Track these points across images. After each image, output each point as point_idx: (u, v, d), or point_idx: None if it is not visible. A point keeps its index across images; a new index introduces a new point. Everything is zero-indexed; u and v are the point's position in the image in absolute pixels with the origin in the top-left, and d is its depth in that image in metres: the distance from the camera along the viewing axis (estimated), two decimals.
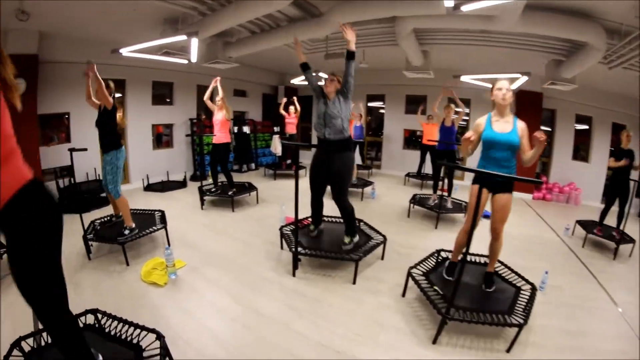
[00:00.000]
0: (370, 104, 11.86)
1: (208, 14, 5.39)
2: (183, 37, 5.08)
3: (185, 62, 6.52)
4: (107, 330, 2.51)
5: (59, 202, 3.53)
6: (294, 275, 3.90)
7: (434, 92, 9.56)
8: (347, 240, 4.09)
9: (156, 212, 5.27)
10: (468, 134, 3.06)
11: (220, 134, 6.47)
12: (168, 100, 9.44)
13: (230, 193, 6.54)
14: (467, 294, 3.27)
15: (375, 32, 6.49)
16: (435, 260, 3.84)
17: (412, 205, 6.34)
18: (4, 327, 2.82)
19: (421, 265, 3.67)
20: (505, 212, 3.18)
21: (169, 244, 4.62)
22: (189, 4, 5.12)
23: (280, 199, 6.89)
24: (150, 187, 8.33)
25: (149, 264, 4.05)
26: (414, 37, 6.16)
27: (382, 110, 11.61)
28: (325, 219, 4.81)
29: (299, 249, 3.89)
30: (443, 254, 3.95)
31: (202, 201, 6.59)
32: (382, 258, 4.37)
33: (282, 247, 4.61)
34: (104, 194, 6.45)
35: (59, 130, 7.37)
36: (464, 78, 7.05)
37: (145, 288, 3.64)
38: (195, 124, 9.63)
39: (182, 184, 8.60)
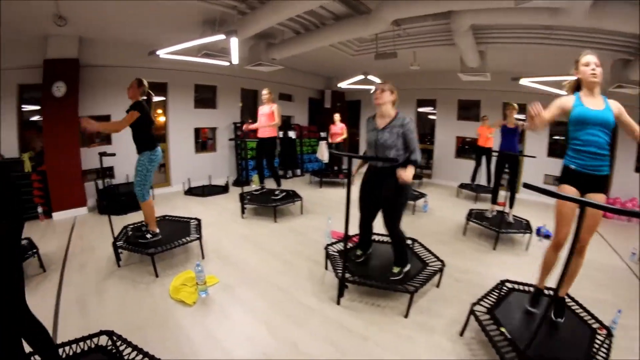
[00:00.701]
0: (420, 109, 11.15)
1: (247, 13, 5.12)
2: (221, 37, 4.79)
3: (227, 64, 6.24)
4: (119, 355, 2.34)
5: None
6: (338, 303, 3.38)
7: (489, 97, 8.98)
8: (396, 270, 3.53)
9: (192, 221, 4.98)
10: (537, 108, 2.50)
11: (265, 128, 6.18)
12: (211, 103, 9.34)
13: (276, 192, 6.24)
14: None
15: (429, 30, 6.03)
16: (498, 293, 3.21)
17: (468, 221, 5.61)
18: None
19: (485, 300, 3.07)
20: (597, 219, 2.62)
21: (203, 256, 4.38)
22: (228, 3, 4.90)
23: (327, 210, 6.50)
24: (190, 191, 8.20)
25: (179, 278, 3.76)
26: (471, 34, 5.57)
27: (432, 116, 10.82)
28: (375, 237, 4.26)
29: (347, 274, 3.40)
30: (508, 285, 3.34)
31: (243, 209, 6.22)
32: (438, 285, 3.75)
33: (326, 268, 4.10)
34: None
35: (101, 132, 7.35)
36: (524, 81, 6.42)
37: (172, 305, 3.34)
38: (239, 128, 9.41)
39: (223, 189, 8.39)
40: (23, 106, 6.39)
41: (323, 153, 9.30)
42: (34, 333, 1.80)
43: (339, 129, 9.07)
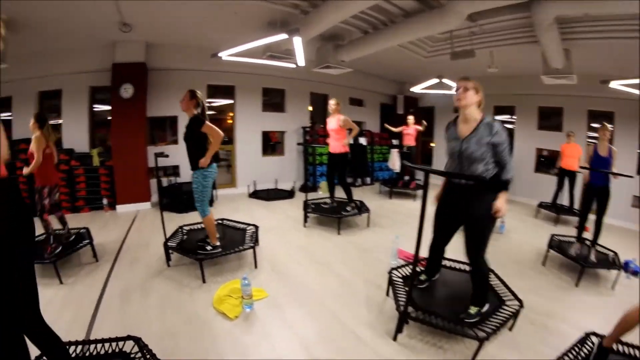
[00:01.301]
0: (497, 117, 10.03)
1: (310, 12, 4.84)
2: (284, 36, 4.58)
3: (293, 66, 6.06)
4: None
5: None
6: (395, 339, 2.84)
7: (572, 104, 7.83)
8: (472, 310, 2.86)
9: (249, 227, 4.79)
10: None
11: (336, 143, 5.75)
12: (279, 107, 9.26)
13: (348, 209, 5.82)
14: None
15: (507, 25, 5.34)
16: (579, 347, 2.49)
17: (549, 249, 4.65)
18: None
19: (566, 357, 2.40)
20: None
21: (255, 265, 4.12)
22: (290, 2, 4.69)
23: (395, 224, 6.00)
24: (255, 194, 8.12)
25: (225, 287, 3.53)
26: (556, 28, 4.72)
27: (510, 125, 9.50)
28: (443, 261, 3.65)
29: (409, 308, 2.84)
30: (594, 338, 2.57)
31: (306, 217, 5.86)
32: (511, 329, 3.02)
33: (387, 294, 3.56)
34: None
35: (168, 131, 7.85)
36: (614, 84, 5.52)
37: (212, 316, 3.12)
38: (308, 132, 9.20)
39: (289, 194, 8.19)
40: (95, 106, 7.14)
41: (395, 162, 8.74)
42: (43, 338, 1.79)
43: (412, 131, 8.49)
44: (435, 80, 7.13)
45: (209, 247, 4.02)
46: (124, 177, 6.66)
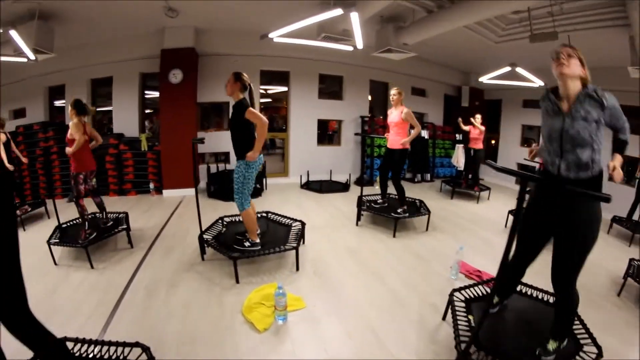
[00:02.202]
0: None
1: None
2: (339, 12, 4.13)
3: (350, 48, 5.54)
4: None
5: None
6: None
7: None
8: (551, 346, 2.21)
9: (294, 224, 4.39)
10: None
11: (396, 138, 5.07)
12: (337, 95, 8.81)
13: (399, 210, 5.10)
14: None
15: (591, 4, 4.52)
16: None
17: (625, 278, 3.66)
18: None
19: None
20: None
21: (297, 267, 3.68)
22: None
23: (457, 229, 5.33)
24: (308, 185, 7.76)
25: (259, 292, 3.14)
26: None
27: None
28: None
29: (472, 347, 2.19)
30: None
31: (359, 215, 5.31)
32: None
33: (443, 318, 2.93)
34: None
35: (220, 117, 7.83)
36: None
37: (239, 324, 2.75)
38: (366, 123, 8.64)
39: (344, 187, 7.73)
40: (146, 92, 7.37)
41: (459, 158, 7.91)
42: (32, 338, 1.68)
43: (476, 133, 7.46)
44: (507, 69, 6.26)
45: (247, 244, 3.69)
46: (171, 162, 6.61)
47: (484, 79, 7.29)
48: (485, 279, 3.39)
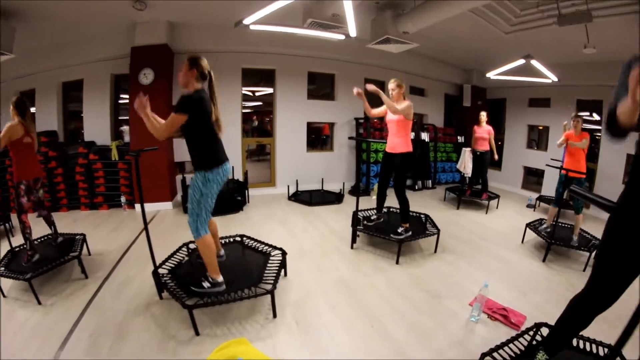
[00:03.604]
0: (580, 114, 7.75)
1: None
2: None
3: (342, 37, 4.82)
4: None
5: None
6: None
7: None
8: None
9: (273, 252, 3.64)
10: None
11: (396, 140, 4.28)
12: (328, 95, 8.13)
13: (400, 231, 4.27)
14: None
15: None
16: None
17: None
18: None
19: None
20: None
21: (274, 314, 2.91)
22: None
23: (468, 248, 4.63)
24: (296, 197, 7.02)
25: (223, 351, 2.30)
26: None
27: (594, 125, 7.34)
28: None
29: None
30: None
31: (355, 236, 4.53)
32: None
33: None
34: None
35: None
36: None
37: None
38: (361, 125, 7.94)
39: (337, 198, 7.00)
40: (122, 96, 6.81)
41: (466, 164, 7.09)
42: None
43: (485, 133, 6.76)
44: (521, 62, 5.44)
45: (206, 284, 2.86)
46: (143, 173, 5.75)
47: (493, 75, 6.53)
48: (513, 320, 2.75)
